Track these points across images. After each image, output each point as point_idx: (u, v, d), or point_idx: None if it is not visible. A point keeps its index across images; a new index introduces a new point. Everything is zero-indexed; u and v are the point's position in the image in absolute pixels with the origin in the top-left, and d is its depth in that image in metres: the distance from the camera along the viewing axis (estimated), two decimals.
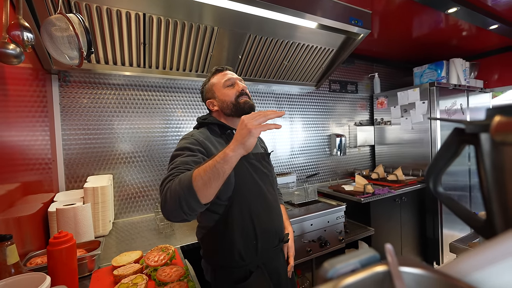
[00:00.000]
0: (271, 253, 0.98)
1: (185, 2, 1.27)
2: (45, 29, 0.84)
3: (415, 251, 2.34)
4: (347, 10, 1.58)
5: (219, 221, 0.91)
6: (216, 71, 1.05)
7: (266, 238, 0.95)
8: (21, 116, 1.09)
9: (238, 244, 0.90)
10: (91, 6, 1.19)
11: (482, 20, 1.99)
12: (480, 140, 0.33)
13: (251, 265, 0.92)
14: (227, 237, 0.90)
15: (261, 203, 0.96)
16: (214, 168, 0.67)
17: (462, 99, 2.53)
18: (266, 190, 0.99)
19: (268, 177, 1.04)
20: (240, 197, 0.91)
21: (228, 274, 0.92)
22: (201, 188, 0.67)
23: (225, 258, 0.91)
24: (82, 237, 1.17)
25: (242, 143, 0.68)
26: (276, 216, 1.01)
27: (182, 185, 0.69)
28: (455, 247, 1.08)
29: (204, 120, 1.02)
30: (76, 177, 1.55)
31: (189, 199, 0.68)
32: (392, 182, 2.28)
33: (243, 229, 0.91)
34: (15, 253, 0.68)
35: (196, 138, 0.91)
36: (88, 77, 1.58)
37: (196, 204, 0.69)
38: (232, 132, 1.00)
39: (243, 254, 0.91)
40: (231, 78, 1.01)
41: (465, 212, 0.39)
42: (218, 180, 0.68)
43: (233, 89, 1.00)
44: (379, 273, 0.28)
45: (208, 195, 0.69)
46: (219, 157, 0.68)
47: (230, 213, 0.90)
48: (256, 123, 0.68)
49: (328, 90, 2.61)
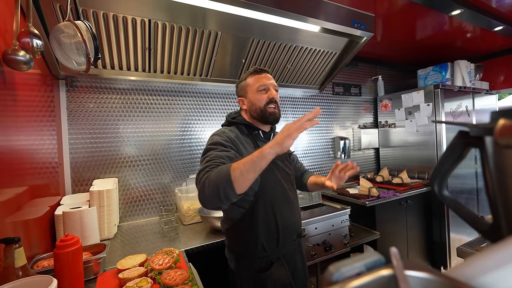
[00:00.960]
0: (290, 247, 1.05)
1: (189, 8, 1.29)
2: (54, 36, 0.86)
3: (422, 255, 2.30)
4: (349, 14, 1.58)
5: (245, 214, 0.98)
6: (254, 71, 1.07)
7: (287, 232, 1.02)
8: (30, 120, 1.11)
9: (262, 236, 0.97)
10: (98, 13, 1.22)
11: (486, 21, 1.98)
12: (485, 143, 0.33)
13: (272, 256, 1.00)
14: (251, 230, 0.98)
15: (283, 200, 1.03)
16: (251, 162, 0.75)
17: (468, 101, 2.51)
18: (287, 188, 1.06)
19: (290, 176, 1.11)
20: (265, 194, 0.98)
21: (251, 263, 0.99)
22: (238, 179, 0.75)
23: (249, 249, 0.99)
24: (88, 240, 1.18)
25: (280, 144, 0.75)
26: (296, 212, 1.08)
27: (220, 175, 0.77)
28: (463, 251, 1.07)
29: (233, 119, 1.09)
30: (82, 181, 1.57)
31: (227, 189, 0.75)
32: (397, 185, 2.26)
33: (266, 223, 0.98)
34: (23, 256, 0.69)
35: (228, 135, 0.98)
36: (95, 82, 1.61)
37: (232, 193, 0.76)
38: (259, 132, 1.07)
39: (265, 246, 0.98)
40: (266, 83, 1.03)
41: (471, 215, 0.39)
42: (254, 173, 0.76)
43: (264, 95, 1.03)
44: (385, 277, 0.28)
45: (243, 186, 0.77)
46: (258, 152, 0.76)
47: (255, 208, 0.97)
48: (295, 127, 0.75)
49: (331, 93, 2.61)
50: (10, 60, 0.77)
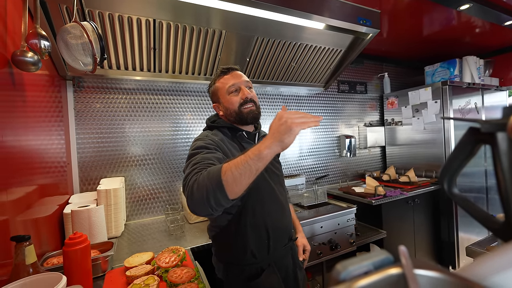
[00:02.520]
0: (282, 251, 0.99)
1: (193, 7, 1.29)
2: (61, 37, 0.87)
3: (430, 255, 2.27)
4: (355, 10, 1.56)
5: (232, 220, 0.91)
6: (221, 73, 0.99)
7: (278, 237, 0.96)
8: (38, 121, 1.13)
9: (251, 243, 0.91)
10: (103, 14, 1.23)
11: (496, 16, 1.93)
12: (497, 140, 0.32)
13: (263, 263, 0.94)
14: (240, 236, 0.91)
15: (272, 203, 0.97)
16: (246, 165, 0.65)
17: (477, 98, 2.46)
18: (277, 190, 1.00)
19: (278, 176, 1.05)
20: (253, 197, 0.91)
21: (240, 271, 0.93)
22: (230, 184, 0.65)
23: (237, 256, 0.93)
24: (96, 238, 1.20)
25: (280, 141, 0.65)
26: (287, 215, 1.03)
27: (210, 178, 0.67)
28: (472, 250, 1.05)
29: (213, 123, 1.02)
30: (90, 180, 1.59)
31: (217, 194, 0.65)
32: (404, 184, 2.23)
33: (256, 228, 0.92)
34: (33, 254, 0.70)
35: (211, 139, 0.90)
36: (101, 82, 1.62)
37: (224, 199, 0.66)
38: (243, 133, 0.99)
39: (255, 253, 0.92)
40: (235, 83, 0.95)
41: (482, 213, 0.38)
42: (250, 177, 0.66)
43: (236, 97, 0.95)
44: (393, 276, 0.28)
45: (237, 191, 0.67)
46: (252, 153, 0.66)
47: (243, 212, 0.91)
48: (297, 121, 0.65)
49: (336, 91, 2.59)
50: (19, 62, 0.78)
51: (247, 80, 0.99)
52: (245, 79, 0.98)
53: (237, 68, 1.00)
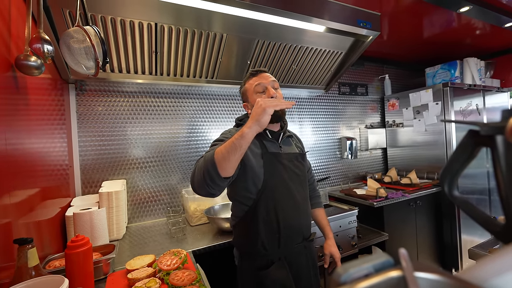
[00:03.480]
0: (294, 249, 1.03)
1: (194, 11, 1.30)
2: (64, 41, 0.88)
3: (432, 257, 2.26)
4: (354, 13, 1.57)
5: (248, 212, 1.00)
6: (250, 74, 1.08)
7: (289, 234, 1.01)
8: (41, 124, 1.14)
9: (262, 235, 0.98)
10: (106, 18, 1.24)
11: (496, 18, 1.93)
12: (496, 143, 0.32)
13: (273, 256, 1.00)
14: (253, 228, 0.99)
15: (288, 201, 1.02)
16: (232, 144, 0.78)
17: (478, 99, 2.45)
18: (295, 189, 1.04)
19: (299, 176, 1.08)
20: (268, 193, 0.99)
21: (252, 261, 1.01)
22: (220, 161, 0.78)
23: (250, 246, 1.01)
24: (98, 240, 1.20)
25: (257, 120, 0.78)
26: (303, 214, 1.06)
27: (206, 160, 0.82)
28: (475, 253, 1.04)
29: (240, 120, 1.13)
30: (92, 182, 1.60)
31: (211, 171, 0.79)
32: (406, 186, 2.23)
33: (267, 222, 0.99)
34: (36, 256, 0.71)
35: (231, 133, 1.00)
36: (103, 85, 1.64)
37: (216, 176, 0.79)
38: (266, 132, 1.06)
39: (266, 245, 0.99)
40: (261, 83, 1.02)
41: (482, 216, 0.38)
42: (236, 154, 0.78)
43: (263, 96, 1.02)
44: (394, 278, 0.28)
45: (226, 168, 0.79)
46: (237, 134, 0.79)
47: (257, 206, 0.98)
48: (270, 103, 0.79)
49: (337, 93, 2.59)
50: (22, 66, 0.79)
51: (274, 80, 1.05)
52: (271, 79, 1.05)
53: (265, 70, 1.08)
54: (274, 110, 0.79)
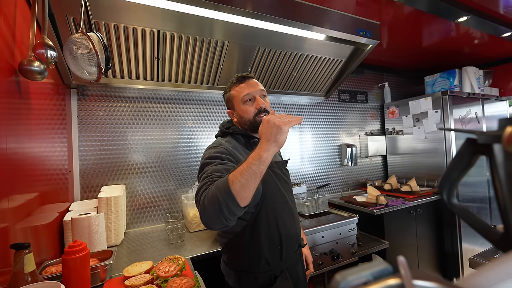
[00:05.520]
0: (293, 258, 1.01)
1: (196, 19, 1.32)
2: (67, 47, 0.89)
3: (433, 266, 2.23)
4: (354, 22, 1.60)
5: (246, 227, 0.93)
6: (237, 80, 0.99)
7: (289, 243, 0.98)
8: (42, 128, 1.15)
9: (265, 249, 0.93)
10: (109, 25, 1.26)
11: (494, 28, 1.96)
12: (494, 151, 0.32)
13: (276, 269, 0.95)
14: (254, 243, 0.92)
15: (284, 210, 0.99)
16: (250, 170, 0.69)
17: (477, 108, 2.47)
18: (288, 197, 1.03)
19: (288, 184, 1.08)
20: (267, 204, 0.94)
21: (253, 279, 0.94)
22: (239, 191, 0.69)
23: (251, 263, 0.94)
24: (95, 246, 1.19)
25: (275, 141, 0.71)
26: (297, 221, 1.05)
27: (220, 190, 0.70)
28: (476, 262, 1.03)
29: (227, 129, 1.02)
30: (91, 187, 1.60)
31: (229, 203, 0.68)
32: (406, 193, 2.22)
33: (269, 235, 0.94)
34: (32, 262, 0.70)
35: (225, 147, 0.92)
36: (105, 90, 1.65)
37: (236, 207, 0.70)
38: (257, 140, 1.00)
39: (269, 259, 0.93)
40: (250, 92, 0.95)
41: (481, 224, 0.38)
42: (256, 181, 0.70)
43: (251, 107, 0.95)
44: (392, 286, 0.27)
45: (247, 197, 0.71)
46: (253, 159, 0.70)
47: (257, 219, 0.92)
48: (283, 122, 0.71)
49: (337, 100, 2.61)
50: (25, 71, 0.80)
51: (262, 89, 0.99)
52: (260, 87, 0.98)
53: (252, 77, 1.01)
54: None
